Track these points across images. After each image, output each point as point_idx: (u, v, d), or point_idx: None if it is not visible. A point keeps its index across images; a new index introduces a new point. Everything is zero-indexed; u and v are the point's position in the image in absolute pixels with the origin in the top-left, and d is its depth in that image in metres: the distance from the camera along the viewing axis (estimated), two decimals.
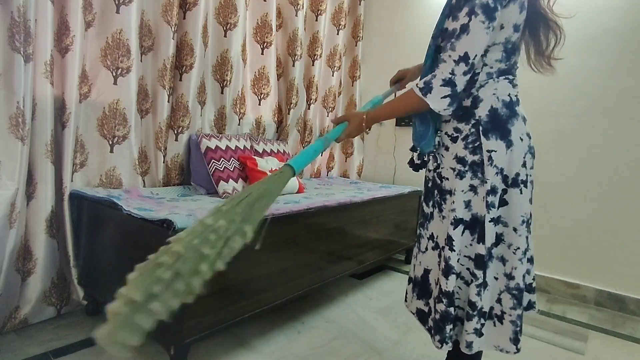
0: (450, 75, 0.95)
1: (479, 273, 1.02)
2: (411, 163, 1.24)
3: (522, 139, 1.02)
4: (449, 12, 1.00)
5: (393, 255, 2.66)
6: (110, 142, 1.81)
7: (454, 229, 1.03)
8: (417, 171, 1.24)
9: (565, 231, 2.32)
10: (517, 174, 1.02)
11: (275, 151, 2.47)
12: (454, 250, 1.04)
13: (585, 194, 2.26)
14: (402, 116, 1.14)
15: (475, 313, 1.03)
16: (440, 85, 0.96)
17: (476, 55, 0.95)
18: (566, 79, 2.26)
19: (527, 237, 1.05)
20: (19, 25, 1.42)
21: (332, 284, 2.13)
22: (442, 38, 1.02)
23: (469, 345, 1.04)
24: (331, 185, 2.74)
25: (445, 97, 0.97)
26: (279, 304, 1.64)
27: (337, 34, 3.04)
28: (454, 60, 0.95)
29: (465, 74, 0.96)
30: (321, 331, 1.74)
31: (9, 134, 1.44)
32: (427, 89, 0.98)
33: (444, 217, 1.09)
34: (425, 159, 1.20)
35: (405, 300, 1.28)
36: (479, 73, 1.01)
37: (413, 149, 1.20)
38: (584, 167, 2.26)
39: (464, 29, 0.93)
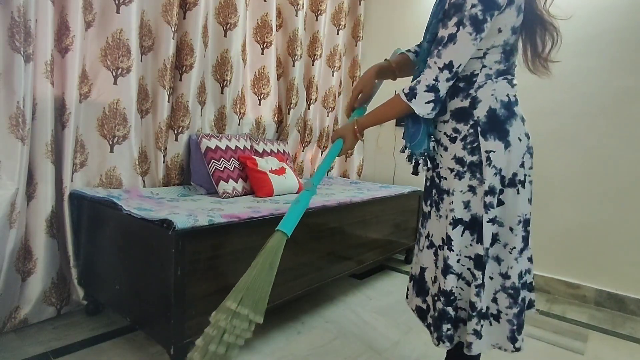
0: (434, 82, 0.98)
1: (479, 274, 1.02)
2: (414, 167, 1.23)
3: (520, 139, 1.02)
4: (442, 18, 1.00)
5: (393, 255, 2.66)
6: (110, 142, 1.82)
7: (452, 229, 1.04)
8: (416, 174, 1.23)
9: (565, 231, 2.32)
10: (515, 174, 1.02)
11: (275, 151, 2.47)
12: (453, 250, 1.04)
13: (584, 193, 2.26)
14: (390, 120, 1.16)
15: (474, 314, 1.03)
16: (424, 91, 0.99)
17: (460, 65, 0.98)
18: (565, 79, 2.26)
19: (523, 237, 1.05)
20: (19, 25, 1.42)
21: (332, 284, 2.13)
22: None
23: (469, 345, 1.04)
24: (331, 185, 2.74)
25: (429, 102, 1.00)
26: (279, 304, 1.64)
27: (337, 34, 3.04)
28: (439, 68, 0.97)
29: (448, 80, 0.99)
30: (321, 331, 1.74)
31: (9, 134, 1.44)
32: (412, 94, 1.01)
33: (440, 217, 1.10)
34: (418, 161, 1.17)
35: (407, 297, 1.29)
36: (477, 74, 1.02)
37: (403, 150, 1.20)
38: (583, 166, 2.26)
39: (452, 38, 0.95)
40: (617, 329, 1.96)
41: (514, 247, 1.04)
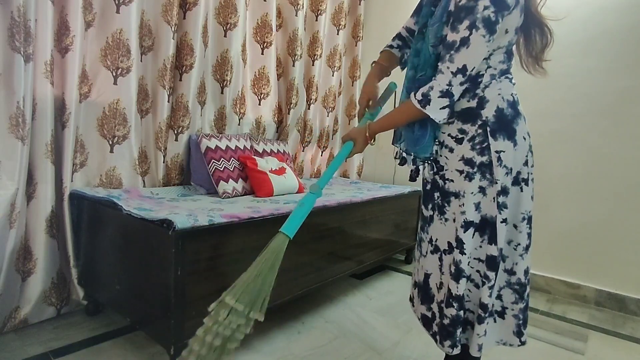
0: (447, 87, 0.97)
1: (492, 274, 1.01)
2: (411, 172, 1.21)
3: (524, 138, 1.03)
4: (447, 20, 0.98)
5: (393, 255, 2.66)
6: (110, 142, 1.81)
7: (464, 232, 1.02)
8: (414, 180, 1.21)
9: (565, 231, 2.32)
10: (519, 173, 1.03)
11: (275, 151, 2.47)
12: (465, 254, 1.02)
13: (584, 193, 2.26)
14: (402, 126, 1.15)
15: (486, 315, 1.03)
16: (439, 97, 0.98)
17: (474, 68, 0.96)
18: (565, 80, 2.26)
19: (528, 234, 1.06)
20: (19, 25, 1.42)
21: (332, 284, 2.13)
22: (442, 46, 1.01)
23: (480, 348, 1.03)
24: (331, 185, 2.74)
25: (444, 107, 0.99)
26: (279, 304, 1.63)
27: (337, 34, 3.04)
28: (452, 72, 0.96)
29: (461, 84, 0.97)
30: (321, 331, 1.74)
31: (9, 134, 1.44)
32: (425, 101, 0.99)
33: (446, 220, 1.08)
34: (419, 166, 1.17)
35: (413, 305, 1.26)
36: (483, 75, 1.02)
37: (401, 157, 1.20)
38: (583, 167, 2.26)
39: (464, 42, 0.93)
40: (617, 329, 1.96)
41: (519, 244, 1.05)
